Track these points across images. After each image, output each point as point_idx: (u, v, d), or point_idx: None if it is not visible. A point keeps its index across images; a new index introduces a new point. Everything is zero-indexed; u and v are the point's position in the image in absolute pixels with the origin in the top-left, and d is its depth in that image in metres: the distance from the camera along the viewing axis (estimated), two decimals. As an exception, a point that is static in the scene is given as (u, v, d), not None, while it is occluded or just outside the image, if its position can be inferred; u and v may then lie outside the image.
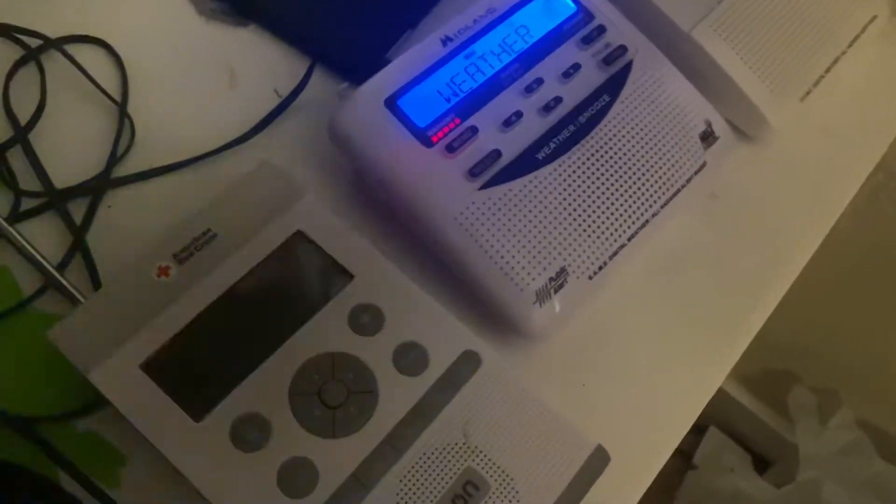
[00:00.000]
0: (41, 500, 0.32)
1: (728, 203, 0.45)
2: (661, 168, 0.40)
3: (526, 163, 0.38)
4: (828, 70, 0.47)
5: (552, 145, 0.38)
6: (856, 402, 0.89)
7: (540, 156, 0.38)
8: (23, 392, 0.35)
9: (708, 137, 0.42)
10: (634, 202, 0.39)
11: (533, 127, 0.39)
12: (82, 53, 0.43)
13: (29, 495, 0.32)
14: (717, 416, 1.03)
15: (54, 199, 0.38)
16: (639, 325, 0.41)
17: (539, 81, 0.39)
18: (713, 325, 0.41)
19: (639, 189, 0.39)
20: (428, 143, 0.37)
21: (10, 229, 0.37)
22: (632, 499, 0.36)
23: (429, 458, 0.32)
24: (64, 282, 0.36)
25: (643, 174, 0.39)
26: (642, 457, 0.37)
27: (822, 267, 0.53)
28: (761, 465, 1.00)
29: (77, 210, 0.39)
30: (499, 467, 0.32)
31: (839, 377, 0.90)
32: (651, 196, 0.39)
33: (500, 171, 0.37)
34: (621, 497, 0.36)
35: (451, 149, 0.37)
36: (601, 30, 0.42)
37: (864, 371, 0.87)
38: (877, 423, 0.88)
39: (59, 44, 0.42)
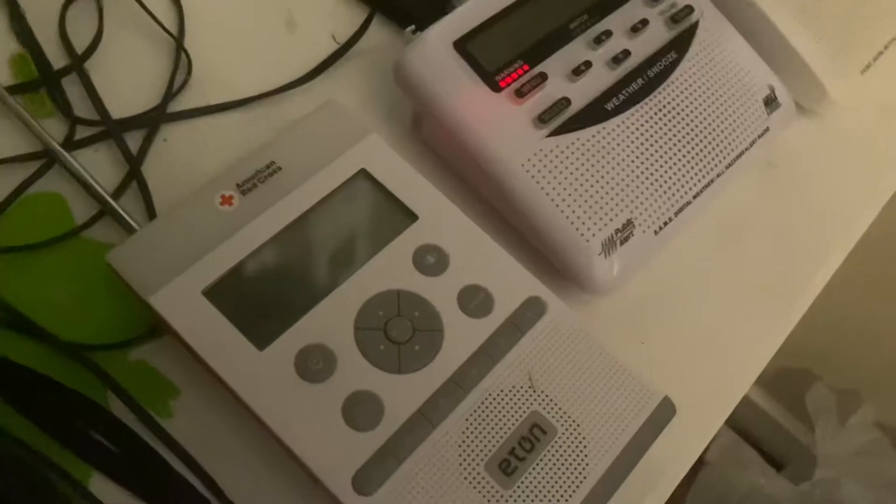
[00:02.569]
0: (95, 426, 0.31)
1: (784, 172, 0.45)
2: (726, 128, 0.40)
3: (595, 112, 0.37)
4: (886, 46, 0.47)
5: (621, 97, 0.38)
6: (876, 403, 0.88)
7: (609, 106, 0.37)
8: (75, 319, 0.34)
9: (771, 103, 0.42)
10: (701, 160, 0.38)
11: (602, 78, 0.38)
12: (139, -12, 0.42)
13: (83, 420, 0.31)
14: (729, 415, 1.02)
15: (111, 129, 0.38)
16: (696, 285, 0.40)
17: (608, 34, 0.39)
18: (770, 289, 0.41)
19: (705, 147, 0.39)
20: (496, 87, 0.37)
21: (67, 155, 0.36)
22: (692, 454, 0.35)
23: (494, 399, 0.31)
24: (120, 209, 0.35)
25: (710, 132, 0.39)
26: (701, 414, 0.36)
27: (845, 264, 0.52)
28: (773, 466, 0.99)
29: (132, 143, 0.38)
30: (565, 413, 0.31)
31: (859, 377, 0.89)
32: (717, 155, 0.39)
33: (568, 119, 0.37)
34: (683, 451, 0.35)
35: (520, 94, 0.37)
36: (668, -12, 0.41)
37: (886, 372, 0.87)
38: (896, 425, 0.88)
39: (118, -24, 0.42)
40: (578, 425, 0.31)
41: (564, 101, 0.37)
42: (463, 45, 0.37)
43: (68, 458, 0.31)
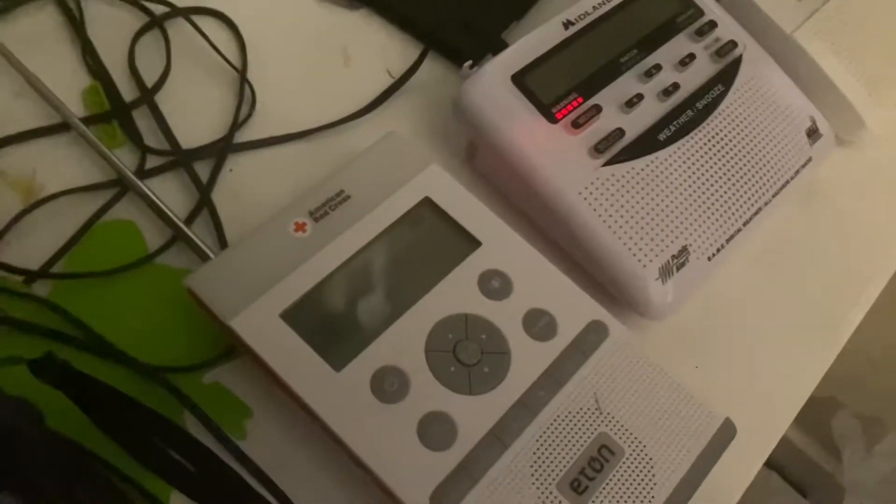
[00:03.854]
0: (174, 445, 0.32)
1: (825, 200, 0.46)
2: (772, 158, 0.41)
3: (648, 143, 0.39)
4: (921, 79, 0.48)
5: (672, 128, 0.39)
6: (902, 431, 0.88)
7: (661, 137, 0.39)
8: (149, 342, 0.35)
9: (813, 134, 0.43)
10: (750, 188, 0.39)
11: (653, 110, 0.40)
12: (203, 24, 0.44)
13: (162, 439, 0.32)
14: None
15: (181, 158, 0.39)
16: (744, 310, 0.41)
17: (658, 67, 0.40)
18: (815, 314, 0.42)
19: (753, 176, 0.40)
20: (552, 119, 0.38)
21: (140, 184, 0.37)
22: (748, 475, 0.36)
23: (563, 421, 0.32)
24: (193, 236, 0.36)
25: (757, 162, 0.40)
26: (755, 436, 0.37)
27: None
28: (800, 493, 0.99)
29: (199, 173, 0.39)
30: (631, 434, 0.32)
31: (885, 405, 0.90)
32: (765, 184, 0.40)
33: (623, 149, 0.38)
34: (740, 472, 0.36)
35: (576, 125, 0.38)
36: (713, 25, 0.43)
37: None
38: (923, 453, 0.88)
39: (184, 13, 0.43)
40: (645, 446, 0.32)
41: (619, 132, 0.38)
42: (520, 79, 0.38)
43: (148, 477, 0.31)
